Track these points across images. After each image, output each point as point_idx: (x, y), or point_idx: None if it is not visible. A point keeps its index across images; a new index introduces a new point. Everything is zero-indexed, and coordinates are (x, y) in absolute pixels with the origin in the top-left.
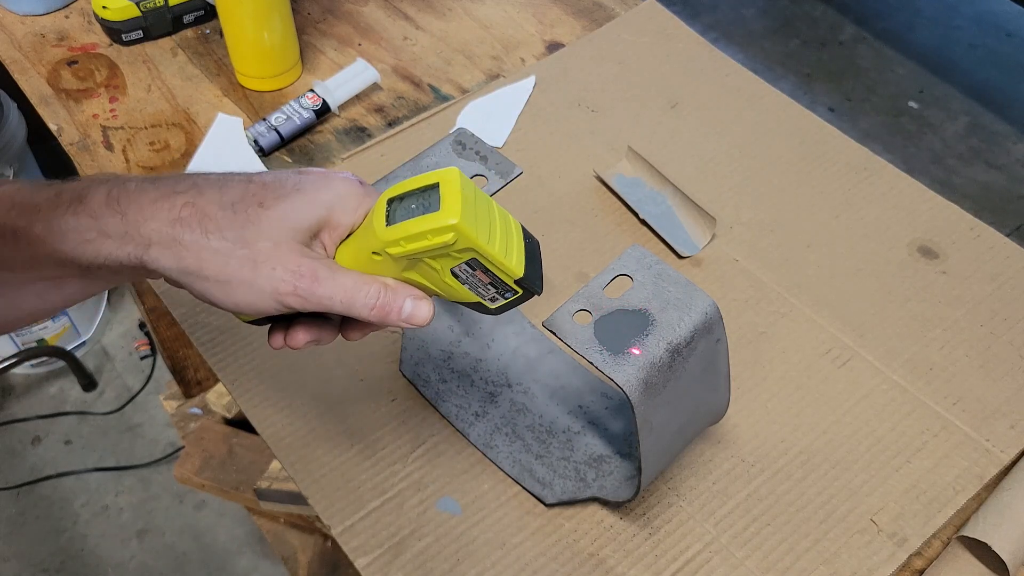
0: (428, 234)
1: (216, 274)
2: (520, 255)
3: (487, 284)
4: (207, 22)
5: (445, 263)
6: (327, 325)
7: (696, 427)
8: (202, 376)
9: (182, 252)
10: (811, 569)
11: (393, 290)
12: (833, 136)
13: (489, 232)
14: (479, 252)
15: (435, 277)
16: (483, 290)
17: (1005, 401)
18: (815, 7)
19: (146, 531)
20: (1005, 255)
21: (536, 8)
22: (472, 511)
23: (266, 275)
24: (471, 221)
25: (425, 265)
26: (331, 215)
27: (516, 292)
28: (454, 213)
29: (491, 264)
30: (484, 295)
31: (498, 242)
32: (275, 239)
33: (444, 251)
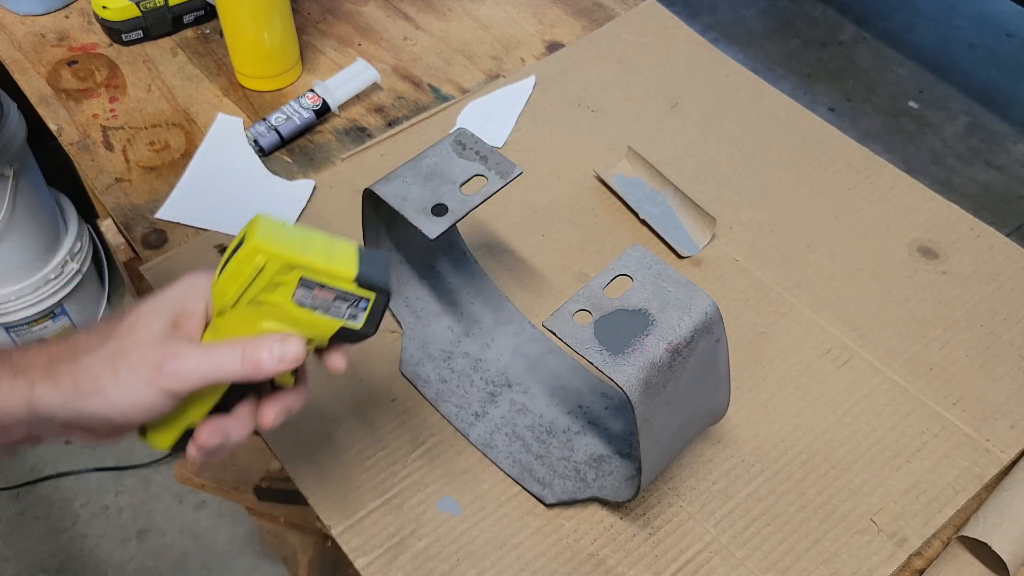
0: (242, 266)
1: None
2: (350, 261)
3: (334, 300)
4: (207, 22)
5: (283, 294)
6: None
7: (696, 427)
8: None
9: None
10: (811, 569)
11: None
12: (833, 136)
13: (302, 247)
14: (297, 264)
15: (287, 315)
16: (335, 309)
17: (1005, 401)
18: (815, 7)
19: (146, 531)
20: (1005, 255)
21: (536, 8)
22: (472, 511)
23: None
24: (274, 241)
25: (270, 306)
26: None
27: (367, 297)
28: (253, 237)
29: (316, 273)
30: (339, 314)
31: (315, 253)
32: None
33: (268, 279)
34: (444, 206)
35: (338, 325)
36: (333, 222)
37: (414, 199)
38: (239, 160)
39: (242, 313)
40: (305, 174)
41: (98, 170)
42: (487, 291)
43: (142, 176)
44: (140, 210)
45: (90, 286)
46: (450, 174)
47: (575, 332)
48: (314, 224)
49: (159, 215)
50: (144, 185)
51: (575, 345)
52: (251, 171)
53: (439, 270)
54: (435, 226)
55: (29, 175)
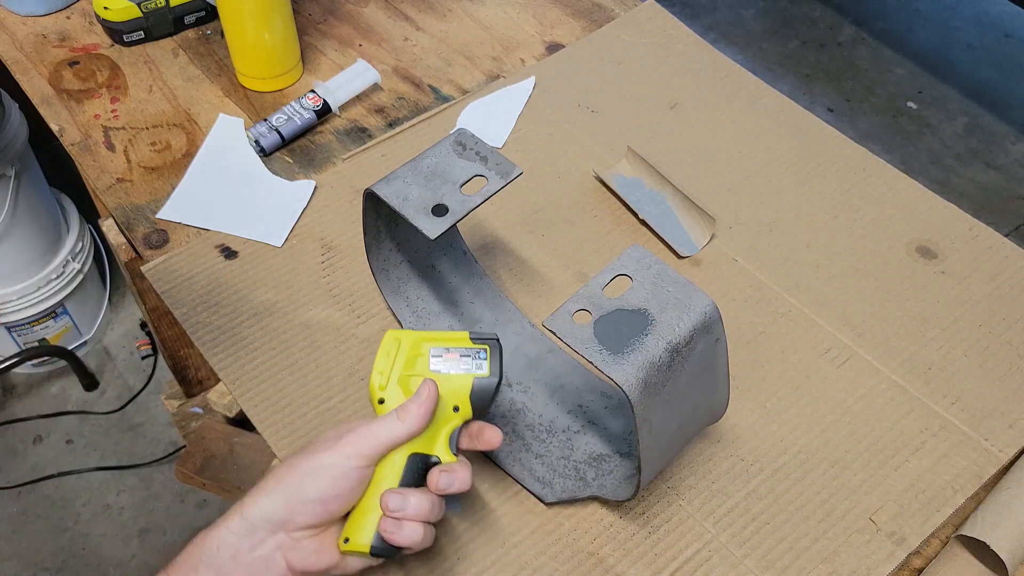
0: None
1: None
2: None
3: (460, 357)
4: (208, 23)
5: (422, 366)
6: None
7: (695, 426)
8: (203, 376)
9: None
10: (810, 568)
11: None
12: (832, 136)
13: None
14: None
15: None
16: (464, 365)
17: (1003, 400)
18: (814, 8)
19: (147, 530)
20: (1004, 255)
21: (536, 9)
22: (472, 510)
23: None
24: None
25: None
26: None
27: (483, 349)
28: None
29: (443, 340)
30: (469, 368)
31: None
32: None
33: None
34: (444, 206)
35: (471, 378)
36: (334, 222)
37: (414, 199)
38: (240, 160)
39: (396, 394)
40: (306, 174)
41: (99, 170)
42: (487, 291)
43: (143, 176)
44: (141, 210)
45: (91, 286)
46: (450, 174)
47: (575, 332)
48: (315, 224)
49: (160, 215)
50: (145, 185)
51: (575, 345)
52: (252, 171)
53: (439, 270)
54: (435, 226)
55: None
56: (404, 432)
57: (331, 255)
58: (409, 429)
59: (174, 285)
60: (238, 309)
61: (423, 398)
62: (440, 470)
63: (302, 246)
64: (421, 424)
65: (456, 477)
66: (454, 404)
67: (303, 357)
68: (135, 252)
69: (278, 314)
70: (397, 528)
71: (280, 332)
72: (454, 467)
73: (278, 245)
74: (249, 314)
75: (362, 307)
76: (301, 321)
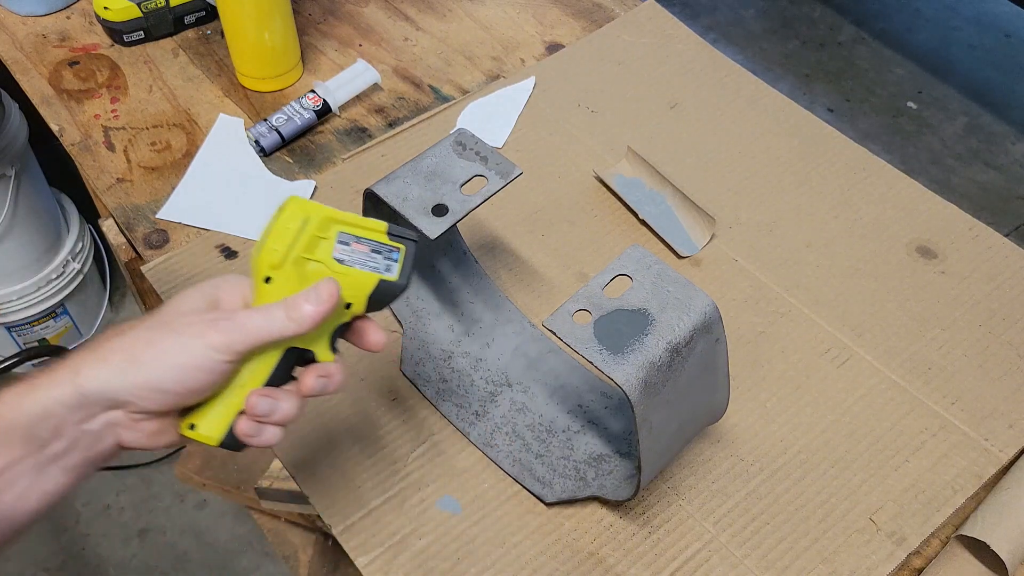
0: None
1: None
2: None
3: (370, 252)
4: (208, 23)
5: (324, 251)
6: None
7: (695, 426)
8: None
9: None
10: (810, 568)
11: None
12: (832, 136)
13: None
14: (336, 219)
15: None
16: (371, 263)
17: (1003, 400)
18: (814, 8)
19: (147, 530)
20: (1003, 255)
21: (536, 9)
22: (472, 510)
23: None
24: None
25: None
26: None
27: (398, 248)
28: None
29: (356, 227)
30: (377, 267)
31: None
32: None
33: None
34: (444, 206)
35: (375, 279)
36: None
37: (414, 199)
38: (240, 160)
39: (288, 276)
40: (306, 174)
41: (99, 170)
42: (487, 291)
43: (143, 176)
44: (141, 210)
45: (91, 286)
46: (450, 174)
47: (575, 332)
48: None
49: (160, 215)
50: (145, 185)
51: (575, 345)
52: (252, 171)
53: (439, 270)
54: (435, 226)
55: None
56: (290, 332)
57: None
58: (297, 330)
59: (174, 285)
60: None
61: (323, 299)
62: (317, 373)
63: None
64: (312, 327)
65: (332, 381)
66: (348, 301)
67: None
68: (135, 252)
69: None
70: (258, 432)
71: None
72: (330, 369)
73: None
74: None
75: None
76: None
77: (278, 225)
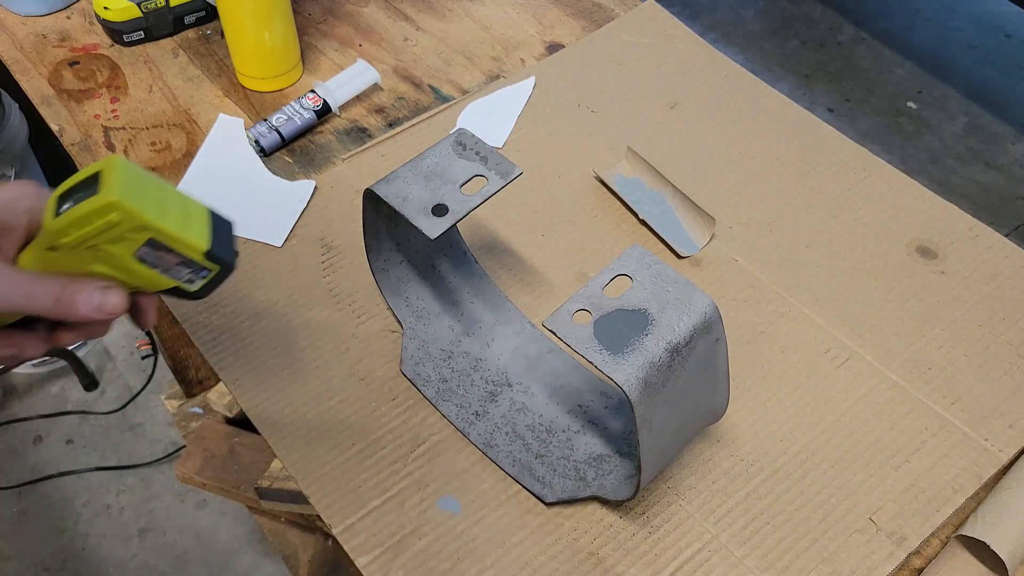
0: (92, 216)
1: None
2: (203, 231)
3: (177, 265)
4: (208, 23)
5: (126, 247)
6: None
7: (695, 426)
8: (203, 376)
9: None
10: (810, 568)
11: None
12: (832, 136)
13: (160, 210)
14: (150, 228)
15: (122, 265)
16: (175, 273)
17: (1003, 400)
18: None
19: (147, 530)
20: (1003, 255)
21: (536, 9)
22: (472, 510)
23: None
24: (135, 199)
25: (107, 253)
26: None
27: (210, 269)
28: (113, 192)
29: (170, 240)
30: (179, 277)
31: (172, 218)
32: None
33: (116, 233)
34: (444, 206)
35: (172, 284)
36: (334, 222)
37: (414, 199)
38: (240, 160)
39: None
40: (306, 174)
41: None
42: (487, 291)
43: None
44: None
45: None
46: (450, 174)
47: (575, 332)
48: (315, 224)
49: None
50: None
51: (575, 345)
52: (252, 171)
53: (439, 270)
54: (435, 226)
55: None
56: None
57: (331, 255)
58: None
59: None
60: (238, 309)
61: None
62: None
63: (302, 246)
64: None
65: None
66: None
67: (303, 357)
68: None
69: (278, 314)
70: None
71: (280, 332)
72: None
73: (278, 245)
74: (249, 314)
75: (362, 307)
76: (301, 321)
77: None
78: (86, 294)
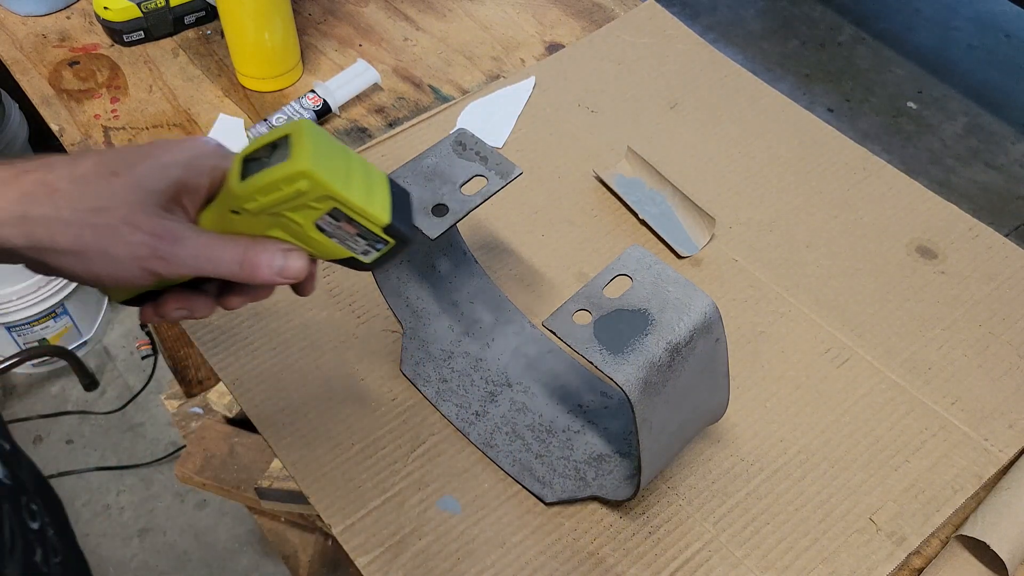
0: (281, 183)
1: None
2: (385, 203)
3: (355, 235)
4: (208, 23)
5: (307, 216)
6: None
7: (695, 426)
8: (203, 376)
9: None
10: (810, 568)
11: (261, 244)
12: (832, 136)
13: (346, 179)
14: (337, 199)
15: (300, 232)
16: (352, 243)
17: (1003, 400)
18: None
19: (147, 530)
20: (1003, 255)
21: (536, 9)
22: (472, 510)
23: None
24: (324, 168)
25: (287, 220)
26: (187, 176)
27: (388, 242)
28: (304, 160)
29: (353, 212)
30: (355, 248)
31: (357, 189)
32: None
33: (302, 202)
34: (444, 206)
35: (347, 255)
36: None
37: (414, 199)
38: None
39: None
40: None
41: None
42: (487, 291)
43: None
44: None
45: None
46: (450, 174)
47: (575, 332)
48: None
49: None
50: None
51: (575, 345)
52: None
53: (439, 270)
54: (435, 226)
55: None
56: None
57: None
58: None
59: None
60: (238, 309)
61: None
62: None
63: None
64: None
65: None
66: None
67: (303, 357)
68: None
69: (278, 314)
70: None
71: (280, 332)
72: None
73: None
74: (249, 314)
75: (362, 307)
76: (301, 321)
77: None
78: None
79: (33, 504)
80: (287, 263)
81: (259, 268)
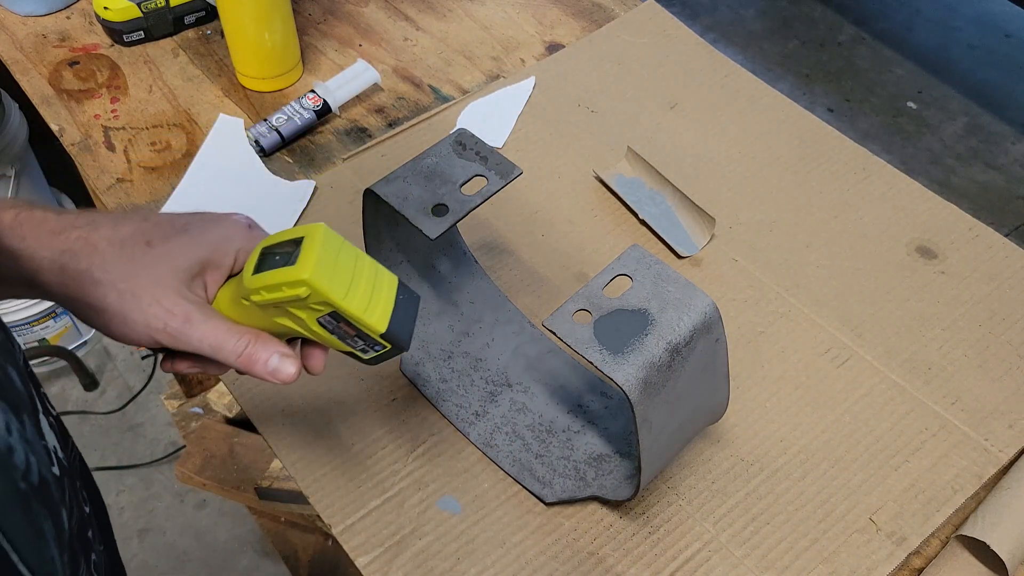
0: (283, 286)
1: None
2: (386, 310)
3: (354, 336)
4: (208, 23)
5: (310, 314)
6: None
7: (695, 426)
8: (203, 376)
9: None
10: (810, 568)
11: (262, 343)
12: (832, 136)
13: (349, 288)
14: (335, 306)
15: (304, 325)
16: (351, 341)
17: (1003, 400)
18: (814, 8)
19: (147, 530)
20: (1003, 255)
21: (536, 9)
22: (472, 510)
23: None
24: (325, 277)
25: (293, 314)
26: (213, 256)
27: (385, 346)
28: (307, 269)
29: (352, 319)
30: (354, 346)
31: (358, 298)
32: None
33: (303, 303)
34: (444, 206)
35: (347, 350)
36: (334, 222)
37: (414, 199)
38: (240, 160)
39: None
40: (306, 174)
41: (99, 170)
42: (487, 291)
43: (143, 176)
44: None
45: None
46: (450, 174)
47: (575, 332)
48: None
49: None
50: (145, 185)
51: (575, 345)
52: (252, 171)
53: (439, 270)
54: (435, 226)
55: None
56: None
57: None
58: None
59: None
60: None
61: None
62: None
63: None
64: None
65: None
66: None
67: None
68: None
69: None
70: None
71: None
72: None
73: None
74: None
75: None
76: None
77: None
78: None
79: (84, 491)
80: (280, 366)
81: (255, 364)
